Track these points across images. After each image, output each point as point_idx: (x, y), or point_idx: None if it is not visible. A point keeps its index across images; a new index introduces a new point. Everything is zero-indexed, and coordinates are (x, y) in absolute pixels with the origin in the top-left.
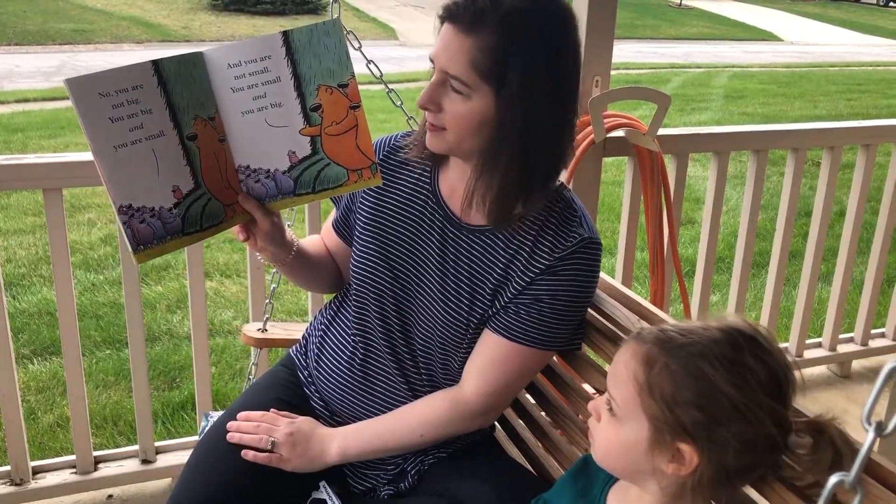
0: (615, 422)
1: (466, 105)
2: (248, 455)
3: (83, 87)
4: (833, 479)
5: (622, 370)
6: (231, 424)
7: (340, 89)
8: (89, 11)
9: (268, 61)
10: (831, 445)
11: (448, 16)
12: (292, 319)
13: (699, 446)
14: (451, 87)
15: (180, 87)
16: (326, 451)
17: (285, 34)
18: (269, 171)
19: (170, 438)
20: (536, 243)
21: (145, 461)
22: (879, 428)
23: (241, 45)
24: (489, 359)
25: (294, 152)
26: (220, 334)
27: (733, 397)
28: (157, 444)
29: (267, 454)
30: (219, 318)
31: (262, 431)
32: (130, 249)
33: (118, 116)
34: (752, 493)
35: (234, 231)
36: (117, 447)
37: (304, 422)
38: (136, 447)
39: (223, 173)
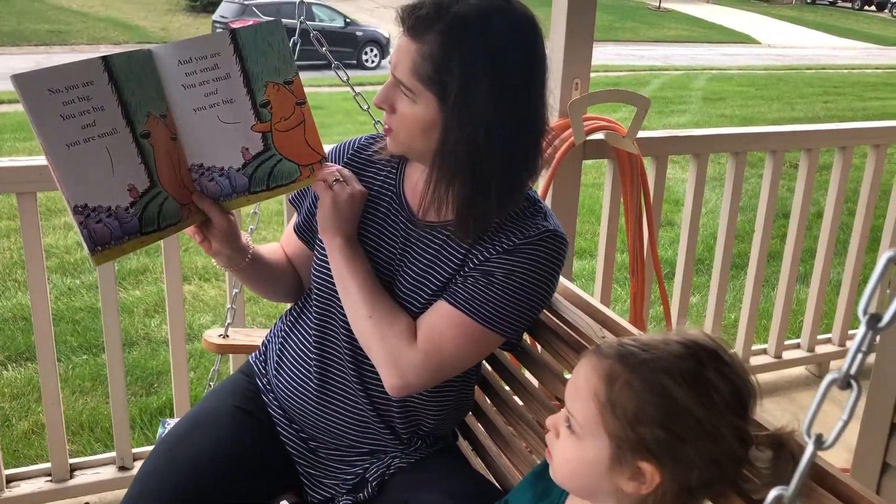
0: (574, 439)
1: (413, 109)
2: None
3: (32, 83)
4: (773, 493)
5: (582, 386)
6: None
7: (286, 86)
8: (66, 12)
9: (217, 58)
10: (791, 459)
11: (399, 21)
12: (271, 324)
13: (661, 465)
14: (402, 90)
15: (132, 83)
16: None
17: (232, 32)
18: (222, 168)
19: (147, 445)
20: (497, 232)
21: (122, 468)
22: (819, 441)
23: (191, 43)
24: (433, 321)
25: (247, 148)
26: (199, 339)
27: (698, 415)
28: (134, 450)
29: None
30: (197, 323)
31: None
32: (87, 251)
33: (69, 114)
34: None
35: (189, 233)
36: (94, 454)
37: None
38: (112, 454)
39: (177, 172)
